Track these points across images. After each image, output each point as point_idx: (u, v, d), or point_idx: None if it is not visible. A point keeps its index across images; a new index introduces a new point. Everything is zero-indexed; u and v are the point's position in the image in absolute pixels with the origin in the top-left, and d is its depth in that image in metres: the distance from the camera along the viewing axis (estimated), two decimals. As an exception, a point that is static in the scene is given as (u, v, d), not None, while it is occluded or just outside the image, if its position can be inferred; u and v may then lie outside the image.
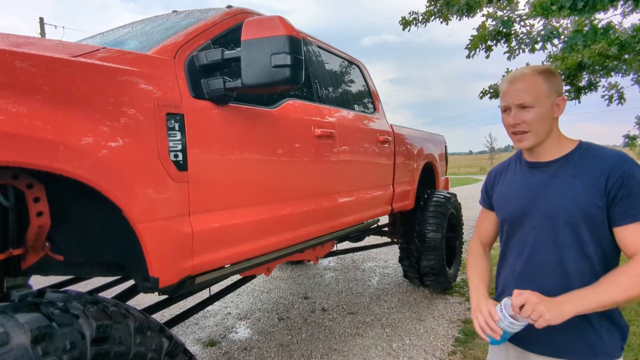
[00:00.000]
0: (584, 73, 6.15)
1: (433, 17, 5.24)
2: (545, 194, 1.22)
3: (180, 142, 1.48)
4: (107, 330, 1.04)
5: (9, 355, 0.83)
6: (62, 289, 1.18)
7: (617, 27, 5.06)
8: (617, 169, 1.11)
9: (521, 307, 1.09)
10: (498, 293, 1.37)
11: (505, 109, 1.24)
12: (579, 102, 6.53)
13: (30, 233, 1.26)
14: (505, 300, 1.15)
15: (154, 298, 2.38)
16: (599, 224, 1.14)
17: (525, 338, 1.23)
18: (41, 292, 1.10)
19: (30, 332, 0.88)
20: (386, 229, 4.38)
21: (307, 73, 2.50)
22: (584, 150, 1.21)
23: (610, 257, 1.18)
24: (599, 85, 6.34)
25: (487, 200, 1.48)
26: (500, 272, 1.39)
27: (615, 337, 1.16)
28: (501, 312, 1.14)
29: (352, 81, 3.38)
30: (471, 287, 1.39)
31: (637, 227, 1.10)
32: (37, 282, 2.52)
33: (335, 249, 3.59)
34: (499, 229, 1.41)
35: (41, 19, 18.54)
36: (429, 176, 4.56)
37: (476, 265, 1.45)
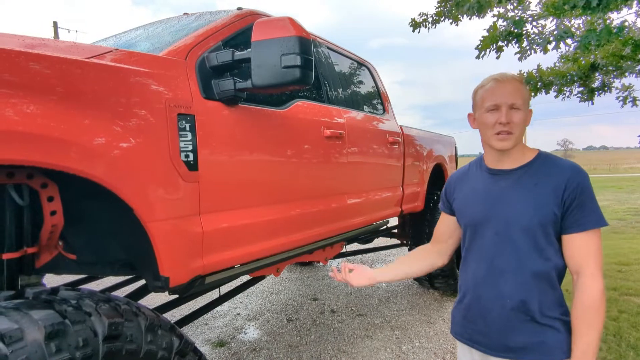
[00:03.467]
0: (597, 74, 6.05)
1: (443, 17, 5.21)
2: (507, 201, 1.24)
3: (191, 143, 1.49)
4: (119, 328, 1.05)
5: (24, 351, 0.84)
6: (75, 288, 1.20)
7: (631, 26, 4.98)
8: (573, 180, 1.17)
9: None
10: (459, 298, 1.39)
11: (494, 108, 1.23)
12: (592, 104, 6.43)
13: (44, 232, 1.28)
14: None
15: (163, 298, 2.40)
16: (553, 232, 1.19)
17: (484, 342, 1.28)
18: (55, 290, 1.11)
19: (44, 329, 0.90)
20: (395, 230, 4.36)
21: (317, 74, 2.50)
22: (543, 159, 1.25)
23: (561, 263, 1.21)
24: (613, 87, 6.24)
25: (448, 206, 1.49)
26: (461, 277, 1.41)
27: (568, 334, 1.19)
28: None
29: (361, 82, 3.37)
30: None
31: (583, 237, 1.16)
32: (50, 281, 2.56)
33: (344, 250, 3.58)
34: (462, 235, 1.41)
35: (55, 23, 18.88)
36: (438, 177, 4.53)
37: (408, 255, 1.60)
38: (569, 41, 3.69)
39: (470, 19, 4.56)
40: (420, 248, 1.60)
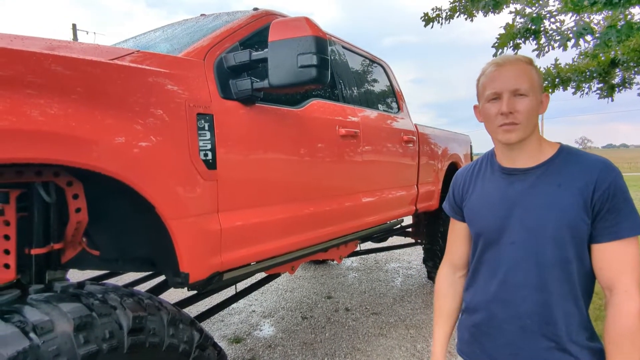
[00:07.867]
0: (617, 70, 5.92)
1: (457, 13, 5.15)
2: (526, 206, 1.07)
3: (209, 142, 1.52)
4: (143, 322, 1.08)
5: (54, 342, 0.88)
6: (99, 282, 1.24)
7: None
8: (604, 179, 1.00)
9: None
10: (466, 314, 1.27)
11: (495, 97, 1.07)
12: (612, 100, 6.30)
13: (69, 228, 1.33)
14: None
15: (181, 294, 2.44)
16: (583, 240, 1.03)
17: None
18: (81, 284, 1.15)
19: (73, 321, 0.93)
20: (410, 229, 4.35)
21: (332, 73, 2.51)
22: (566, 155, 1.08)
23: (590, 279, 1.06)
24: (634, 83, 6.09)
25: (458, 211, 1.30)
26: (468, 288, 1.25)
27: None
28: None
29: (376, 81, 3.37)
30: (433, 339, 1.36)
31: (617, 246, 0.99)
32: (73, 276, 2.63)
33: (358, 249, 3.59)
34: (472, 243, 1.24)
35: (74, 26, 19.39)
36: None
37: (441, 307, 1.35)
38: (588, 38, 3.62)
39: (485, 15, 4.51)
40: (443, 288, 1.35)
